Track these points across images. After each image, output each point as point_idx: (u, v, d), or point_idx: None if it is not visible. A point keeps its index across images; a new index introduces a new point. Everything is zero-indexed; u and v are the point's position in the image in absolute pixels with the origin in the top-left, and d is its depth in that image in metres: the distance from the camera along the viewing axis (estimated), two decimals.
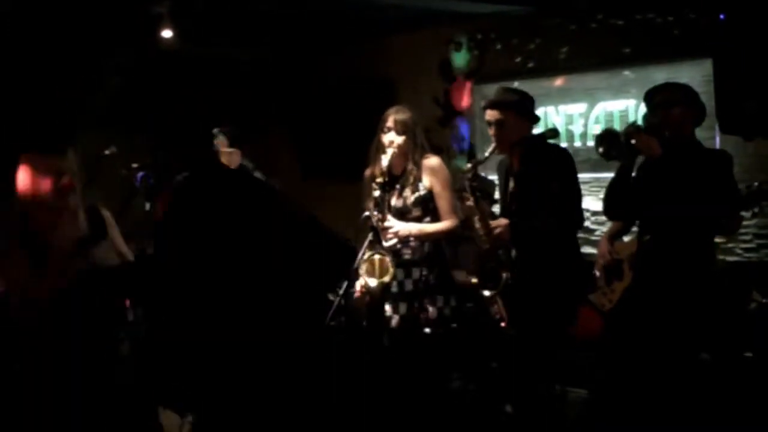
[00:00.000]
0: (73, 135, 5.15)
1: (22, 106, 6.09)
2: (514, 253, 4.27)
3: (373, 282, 4.29)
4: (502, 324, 4.20)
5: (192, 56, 7.01)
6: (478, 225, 4.24)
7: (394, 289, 4.42)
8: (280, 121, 8.12)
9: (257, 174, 6.52)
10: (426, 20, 6.68)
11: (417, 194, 4.43)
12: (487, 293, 4.25)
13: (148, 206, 4.79)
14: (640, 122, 4.39)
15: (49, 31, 6.16)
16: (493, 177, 5.04)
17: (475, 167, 4.32)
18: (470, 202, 4.24)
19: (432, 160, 4.47)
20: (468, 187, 4.24)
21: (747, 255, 5.38)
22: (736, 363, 4.67)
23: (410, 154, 4.45)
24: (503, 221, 4.24)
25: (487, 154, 4.32)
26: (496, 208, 4.66)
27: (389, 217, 4.38)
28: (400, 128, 4.42)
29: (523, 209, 4.23)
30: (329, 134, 7.71)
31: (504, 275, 4.19)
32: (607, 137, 4.04)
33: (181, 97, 7.15)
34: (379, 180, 4.38)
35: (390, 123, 4.43)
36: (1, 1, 5.52)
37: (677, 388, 3.88)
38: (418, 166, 4.44)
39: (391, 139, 4.42)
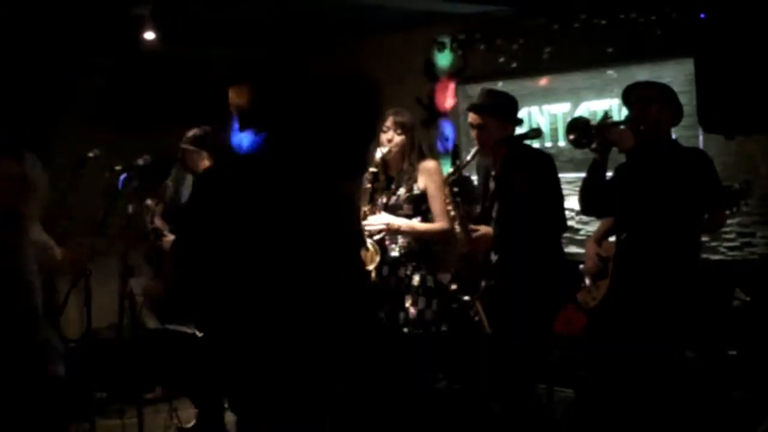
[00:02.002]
0: (40, 141, 5.12)
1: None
2: (494, 257, 4.27)
3: None
4: (483, 328, 4.21)
5: (175, 57, 6.99)
6: (458, 229, 4.25)
7: (377, 283, 4.45)
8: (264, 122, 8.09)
9: None
10: (409, 21, 6.68)
11: (410, 193, 4.45)
12: (466, 298, 4.26)
13: (131, 209, 4.78)
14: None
15: (30, 33, 6.13)
16: (476, 178, 5.05)
17: (457, 171, 4.33)
18: (450, 207, 4.26)
19: (429, 163, 4.51)
20: (449, 191, 4.25)
21: (731, 253, 5.40)
22: (720, 361, 4.69)
23: (407, 154, 4.48)
24: (484, 228, 4.24)
25: (469, 157, 4.34)
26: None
27: (381, 211, 4.42)
28: (399, 128, 4.46)
29: (503, 212, 4.24)
30: (313, 134, 7.68)
31: (483, 282, 4.20)
32: (578, 125, 4.06)
33: (165, 99, 7.13)
34: (372, 169, 4.43)
35: (389, 123, 4.49)
36: None
37: (661, 387, 3.90)
38: (415, 166, 4.47)
39: (389, 137, 4.47)
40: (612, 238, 4.63)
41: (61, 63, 6.63)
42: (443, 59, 6.84)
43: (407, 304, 4.42)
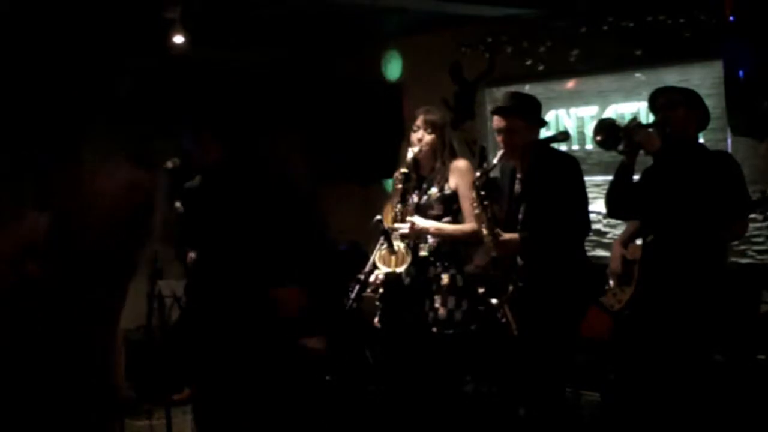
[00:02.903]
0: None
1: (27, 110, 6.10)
2: (520, 261, 4.26)
3: (384, 269, 4.38)
4: (511, 330, 4.21)
5: (204, 60, 7.04)
6: (485, 233, 4.23)
7: (407, 283, 4.46)
8: (290, 124, 8.13)
9: None
10: (436, 23, 6.69)
11: (441, 193, 4.46)
12: (494, 301, 4.26)
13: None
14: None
15: (61, 35, 6.19)
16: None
17: (484, 174, 4.30)
18: (478, 211, 4.25)
19: (460, 162, 4.51)
20: (476, 195, 4.23)
21: (759, 257, 5.35)
22: (749, 365, 4.66)
23: (439, 153, 4.49)
24: (508, 235, 4.22)
25: (495, 161, 4.31)
26: None
27: (413, 211, 4.45)
28: (429, 127, 4.46)
29: (528, 215, 4.23)
30: (339, 137, 7.72)
31: (510, 287, 4.19)
32: (605, 126, 4.05)
33: (194, 102, 7.17)
34: (403, 170, 4.44)
35: (419, 122, 4.50)
36: (4, 3, 5.55)
37: (688, 390, 3.88)
38: (447, 166, 4.47)
39: (420, 137, 4.47)
40: (638, 241, 4.61)
41: (88, 65, 6.69)
42: None
43: (436, 305, 4.43)
